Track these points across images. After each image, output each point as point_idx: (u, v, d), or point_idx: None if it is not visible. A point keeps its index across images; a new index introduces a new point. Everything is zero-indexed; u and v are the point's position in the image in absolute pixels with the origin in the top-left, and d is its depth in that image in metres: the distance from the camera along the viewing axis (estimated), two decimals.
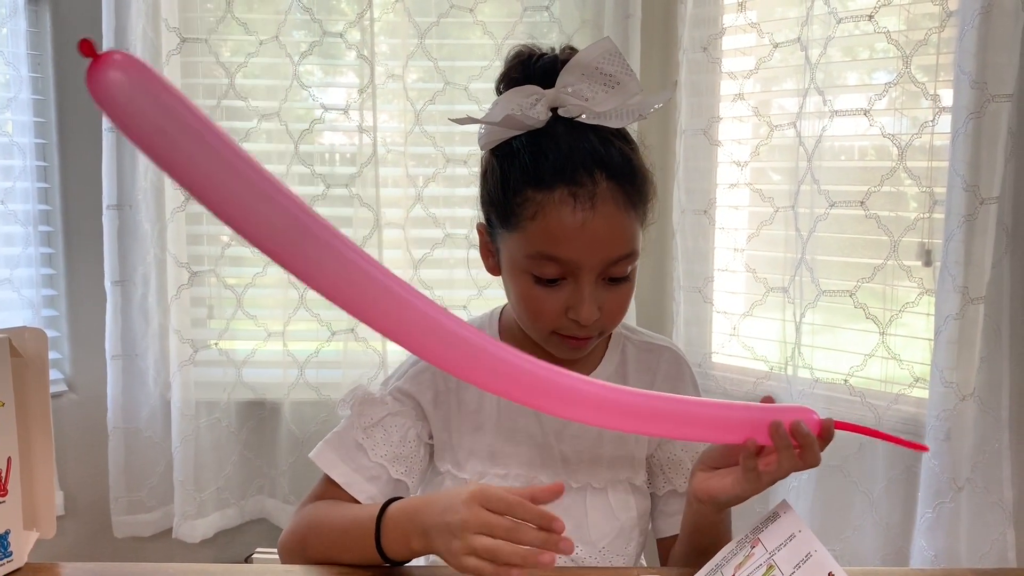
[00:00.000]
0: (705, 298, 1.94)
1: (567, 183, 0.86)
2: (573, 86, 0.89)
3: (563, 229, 0.86)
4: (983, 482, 1.46)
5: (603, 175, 0.87)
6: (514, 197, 0.89)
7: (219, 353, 2.06)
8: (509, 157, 0.90)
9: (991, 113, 1.39)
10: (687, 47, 1.90)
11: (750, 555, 0.80)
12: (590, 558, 0.96)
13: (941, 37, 1.54)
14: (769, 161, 1.87)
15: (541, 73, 0.91)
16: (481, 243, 0.97)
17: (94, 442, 2.04)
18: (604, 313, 0.90)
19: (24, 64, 1.97)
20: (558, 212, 0.86)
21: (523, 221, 0.88)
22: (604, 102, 0.89)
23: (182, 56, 1.97)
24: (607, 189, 0.87)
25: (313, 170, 2.01)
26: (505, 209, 0.90)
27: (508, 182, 0.90)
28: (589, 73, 0.88)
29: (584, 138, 0.88)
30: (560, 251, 0.86)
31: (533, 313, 0.91)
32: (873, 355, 1.66)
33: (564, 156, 0.87)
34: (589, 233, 0.86)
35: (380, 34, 2.02)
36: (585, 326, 0.89)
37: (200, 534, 2.02)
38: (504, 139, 0.91)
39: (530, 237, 0.87)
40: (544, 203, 0.86)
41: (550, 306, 0.89)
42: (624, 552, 0.98)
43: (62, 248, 2.07)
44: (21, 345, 0.91)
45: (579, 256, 0.86)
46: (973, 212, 1.41)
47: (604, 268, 0.88)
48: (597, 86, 0.88)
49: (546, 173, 0.87)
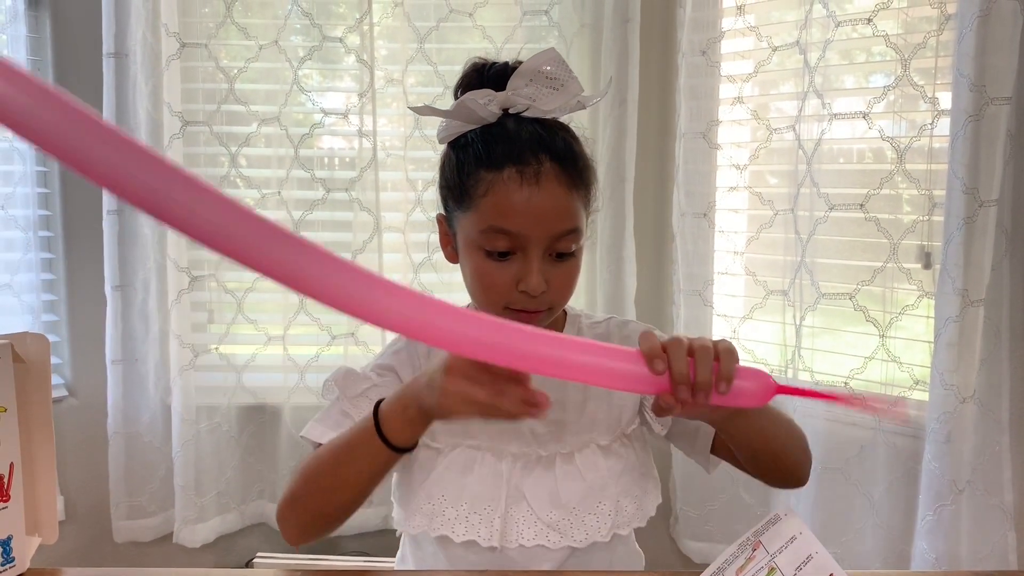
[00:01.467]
0: (705, 301, 1.94)
1: (515, 163, 0.94)
2: (521, 89, 0.98)
3: (511, 203, 0.93)
4: (984, 484, 1.46)
5: (547, 157, 0.95)
6: (468, 179, 0.97)
7: (219, 358, 2.06)
8: (464, 147, 0.99)
9: (990, 116, 1.39)
10: (686, 51, 1.91)
11: (751, 558, 0.80)
12: (563, 520, 1.00)
13: (939, 40, 1.54)
14: (768, 164, 1.88)
15: (494, 78, 1.00)
16: (440, 233, 1.05)
17: (95, 447, 2.04)
18: (552, 288, 0.96)
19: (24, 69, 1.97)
20: (506, 188, 0.94)
21: (476, 199, 0.96)
22: (549, 101, 0.98)
23: (182, 61, 1.98)
24: (550, 168, 0.95)
25: (313, 174, 2.02)
26: (460, 191, 0.98)
27: (463, 167, 0.98)
28: (536, 77, 0.98)
29: (531, 127, 0.97)
30: (509, 223, 0.93)
31: (486, 288, 0.97)
32: (873, 358, 1.66)
33: (512, 140, 0.96)
34: (535, 207, 0.93)
35: (379, 38, 2.03)
36: (534, 297, 0.95)
37: (201, 539, 2.02)
38: (460, 133, 1.00)
39: (482, 213, 0.95)
40: (494, 181, 0.94)
41: (501, 279, 0.95)
42: (596, 511, 1.01)
43: (62, 253, 2.07)
44: (23, 351, 0.91)
45: (526, 228, 0.93)
46: (972, 215, 1.41)
47: (550, 242, 0.94)
48: (543, 88, 0.98)
49: (496, 155, 0.95)
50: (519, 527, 1.00)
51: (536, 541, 0.99)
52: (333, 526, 0.99)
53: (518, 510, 1.00)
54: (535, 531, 0.99)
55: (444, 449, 1.02)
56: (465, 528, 0.99)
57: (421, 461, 1.02)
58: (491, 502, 1.00)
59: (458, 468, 1.01)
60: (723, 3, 1.90)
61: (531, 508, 1.00)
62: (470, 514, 1.00)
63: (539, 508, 1.00)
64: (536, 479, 1.01)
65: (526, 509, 1.00)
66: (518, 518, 1.00)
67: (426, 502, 1.00)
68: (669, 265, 2.03)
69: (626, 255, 1.99)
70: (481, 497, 1.00)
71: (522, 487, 1.01)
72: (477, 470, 1.01)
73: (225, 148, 2.01)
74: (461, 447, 1.02)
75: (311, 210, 2.02)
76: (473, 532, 0.99)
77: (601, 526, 1.00)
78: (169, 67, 1.95)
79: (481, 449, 1.02)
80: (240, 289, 2.05)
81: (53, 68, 2.03)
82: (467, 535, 0.99)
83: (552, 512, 1.00)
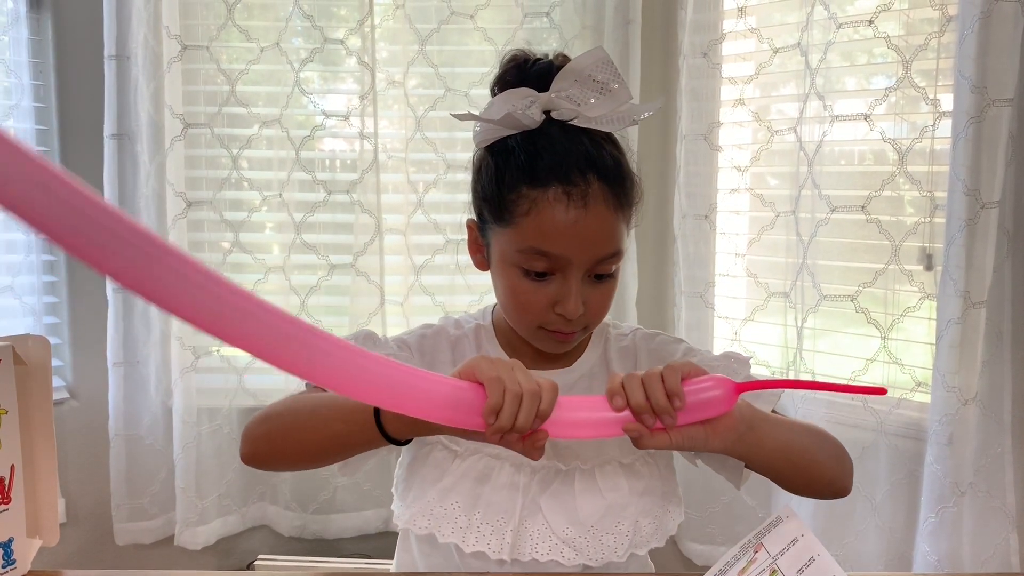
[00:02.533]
0: (706, 303, 1.94)
1: (561, 182, 0.90)
2: (566, 91, 0.93)
3: (556, 225, 0.89)
4: (986, 486, 1.46)
5: (595, 176, 0.91)
6: (509, 193, 0.92)
7: (221, 360, 2.06)
8: (504, 154, 0.94)
9: (991, 117, 1.39)
10: (687, 52, 1.90)
11: (753, 560, 0.80)
12: (580, 538, 0.96)
13: (941, 42, 1.54)
14: (769, 166, 1.88)
15: (536, 77, 0.95)
16: (471, 238, 1.01)
17: (96, 449, 2.04)
18: (588, 309, 0.93)
19: (26, 72, 1.97)
20: (552, 209, 0.89)
21: (517, 217, 0.91)
22: (595, 108, 0.93)
23: (183, 63, 1.98)
24: (598, 190, 0.91)
25: (314, 176, 2.02)
26: (499, 204, 0.93)
27: (503, 178, 0.93)
28: (582, 80, 0.92)
29: (578, 140, 0.92)
30: (552, 246, 0.90)
31: (521, 307, 0.94)
32: (875, 360, 1.66)
33: (559, 156, 0.91)
34: (580, 230, 0.89)
35: (381, 40, 2.03)
36: (571, 320, 0.92)
37: (202, 541, 2.02)
38: (499, 137, 0.95)
39: (523, 232, 0.91)
40: (538, 200, 0.90)
41: (537, 300, 0.92)
42: (615, 531, 0.97)
43: (64, 255, 2.07)
44: (24, 353, 0.91)
45: (569, 252, 0.90)
46: (974, 216, 1.41)
47: (592, 265, 0.92)
48: (589, 92, 0.93)
49: (541, 171, 0.90)
50: (533, 541, 0.96)
51: (550, 556, 0.95)
52: (281, 463, 0.98)
53: (534, 523, 0.97)
54: (549, 546, 0.96)
55: (463, 453, 0.99)
56: (476, 538, 0.96)
57: (436, 459, 0.99)
58: (505, 514, 0.96)
59: (475, 475, 0.97)
60: (724, 5, 1.90)
61: (547, 522, 0.96)
62: (482, 524, 0.96)
63: (555, 523, 0.96)
64: (554, 493, 0.97)
65: (542, 523, 0.96)
66: (533, 531, 0.96)
67: (437, 505, 0.97)
68: (670, 267, 2.03)
69: (627, 257, 1.99)
70: (495, 508, 0.96)
71: (539, 500, 0.97)
72: (494, 479, 0.97)
73: (226, 150, 2.01)
74: (480, 454, 0.98)
75: (312, 212, 2.02)
76: (483, 543, 0.95)
77: (618, 546, 0.96)
78: (170, 69, 1.95)
79: (500, 458, 0.98)
80: None
81: (54, 71, 2.03)
82: (477, 546, 0.95)
83: (568, 528, 0.96)
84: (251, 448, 0.96)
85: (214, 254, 2.05)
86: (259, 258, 2.05)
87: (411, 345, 1.05)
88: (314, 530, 2.07)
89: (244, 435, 0.96)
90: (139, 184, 1.97)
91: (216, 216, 2.03)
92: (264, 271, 2.04)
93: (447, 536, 0.96)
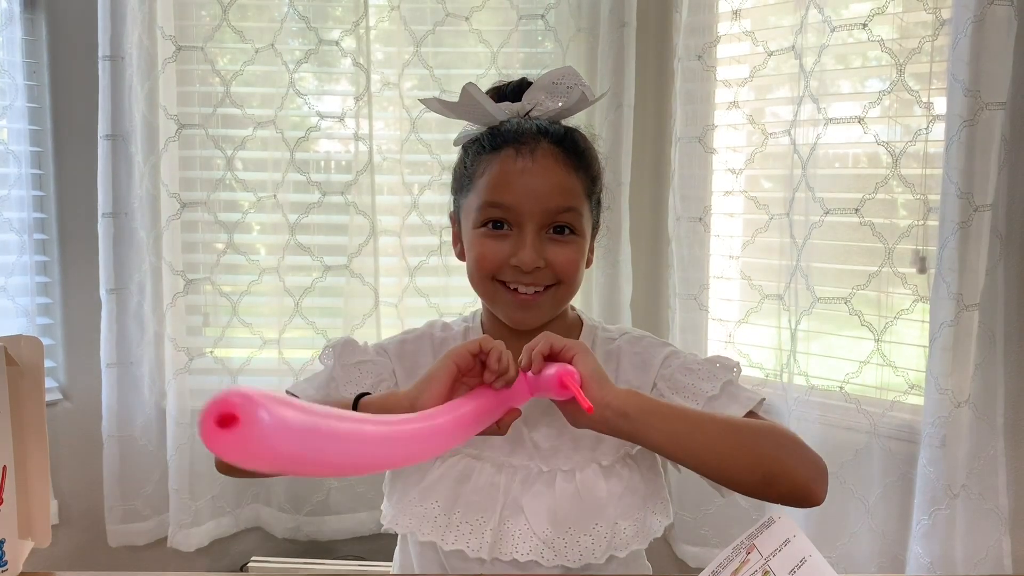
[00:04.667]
0: (700, 305, 1.94)
1: (513, 144, 0.98)
2: (537, 99, 1.02)
3: (506, 176, 0.97)
4: (978, 489, 1.46)
5: (546, 140, 0.99)
6: (471, 166, 1.01)
7: (214, 361, 2.06)
8: (472, 142, 1.04)
9: (984, 121, 1.39)
10: (682, 55, 1.91)
11: (745, 561, 0.80)
12: (558, 539, 0.98)
13: (934, 45, 1.55)
14: (764, 169, 1.88)
15: (511, 92, 1.05)
16: (453, 233, 1.08)
17: (89, 450, 2.04)
18: (553, 265, 0.98)
19: (20, 72, 1.97)
20: (502, 164, 0.98)
21: (475, 180, 1.00)
22: (558, 105, 1.03)
23: (178, 64, 1.97)
24: (548, 148, 0.98)
25: (309, 178, 2.01)
26: (465, 178, 1.02)
27: (468, 157, 1.03)
28: (550, 88, 1.02)
29: (536, 121, 1.02)
30: (503, 196, 0.96)
31: (479, 261, 0.99)
32: (868, 362, 1.66)
33: (514, 127, 1.00)
34: (528, 180, 0.96)
35: (376, 42, 2.03)
36: (527, 272, 0.96)
37: (195, 543, 2.02)
38: (474, 135, 1.04)
39: (479, 190, 0.99)
40: (492, 160, 0.99)
41: (493, 252, 0.97)
42: (592, 532, 0.98)
43: (57, 256, 2.07)
44: (17, 353, 0.91)
45: (519, 201, 0.96)
46: (967, 219, 1.41)
47: (545, 217, 0.96)
48: (558, 98, 1.02)
49: (498, 139, 1.00)
50: (515, 541, 0.98)
51: (530, 556, 0.97)
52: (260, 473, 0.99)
53: (516, 524, 0.98)
54: (530, 546, 0.97)
55: (444, 455, 1.01)
56: (455, 537, 0.98)
57: None
58: (484, 513, 0.98)
59: (455, 476, 1.00)
60: (719, 8, 1.90)
61: (528, 523, 0.98)
62: (461, 523, 0.98)
63: (536, 524, 0.98)
64: (536, 494, 0.99)
65: (524, 523, 0.98)
66: (515, 532, 0.98)
67: (418, 504, 0.99)
68: (665, 269, 2.03)
69: (622, 259, 1.99)
70: (474, 507, 0.98)
71: (521, 501, 0.99)
72: (474, 480, 1.00)
73: (221, 151, 2.01)
74: (461, 455, 1.01)
75: (307, 213, 2.02)
76: (462, 542, 0.97)
77: (596, 548, 0.98)
78: (165, 70, 1.95)
79: (481, 459, 1.01)
80: (235, 292, 2.04)
81: (49, 71, 2.02)
82: (456, 544, 0.98)
83: (548, 529, 0.98)
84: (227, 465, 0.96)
85: (208, 255, 2.05)
86: (253, 259, 2.04)
87: (389, 351, 1.08)
88: (308, 532, 2.07)
89: None
90: (133, 185, 1.97)
91: (210, 217, 2.03)
92: (258, 272, 2.03)
93: (426, 534, 0.98)
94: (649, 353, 1.06)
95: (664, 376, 1.04)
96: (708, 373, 1.02)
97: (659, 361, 1.05)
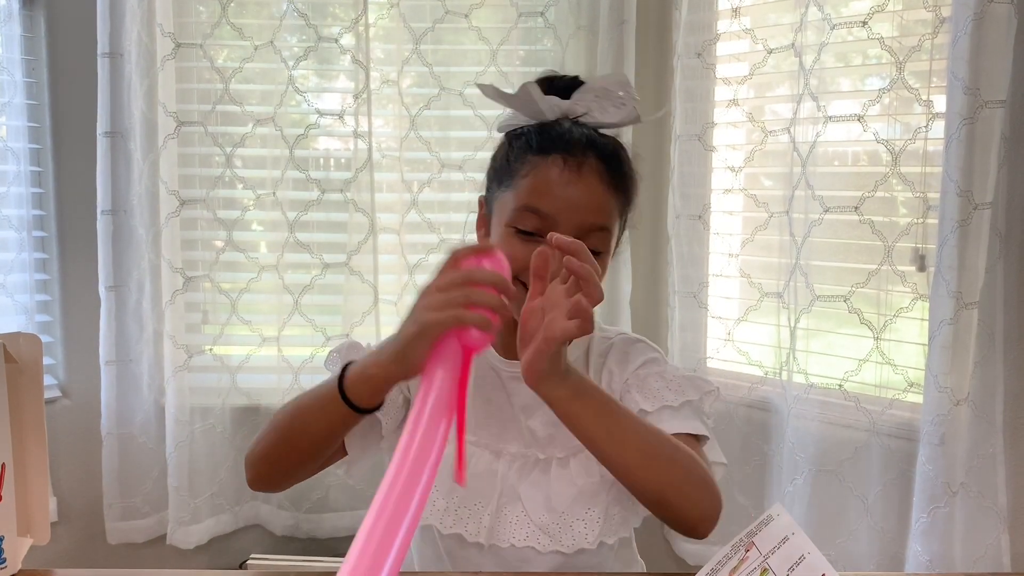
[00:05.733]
0: (700, 303, 1.94)
1: (561, 152, 0.98)
2: (586, 102, 1.02)
3: (549, 184, 0.97)
4: (977, 487, 1.46)
5: (594, 154, 0.99)
6: (515, 162, 1.01)
7: (213, 358, 2.06)
8: (518, 136, 1.03)
9: (984, 119, 1.39)
10: (681, 53, 1.91)
11: (744, 559, 0.80)
12: (553, 524, 1.00)
13: (934, 43, 1.55)
14: (763, 167, 1.88)
15: (561, 89, 1.04)
16: (479, 216, 1.08)
17: (88, 448, 2.03)
18: None
19: (18, 69, 1.97)
20: (548, 170, 0.97)
21: (517, 179, 0.99)
22: (609, 116, 1.03)
23: (177, 61, 1.97)
24: (595, 164, 0.98)
25: (308, 175, 2.01)
26: (506, 172, 1.01)
27: (513, 151, 1.02)
28: (601, 94, 1.03)
29: (586, 130, 1.01)
30: (542, 203, 0.96)
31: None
32: (867, 360, 1.67)
33: (565, 133, 1.00)
34: (571, 193, 0.96)
35: (375, 39, 2.03)
36: None
37: (194, 540, 2.02)
38: (520, 125, 1.04)
39: (520, 191, 0.98)
40: (539, 164, 0.98)
41: (523, 253, 0.90)
42: (585, 517, 1.00)
43: (56, 253, 2.07)
44: (15, 351, 0.91)
45: (557, 211, 0.96)
46: (967, 217, 1.41)
47: (577, 233, 0.93)
48: (608, 104, 1.02)
49: (546, 142, 0.99)
50: (512, 527, 1.00)
51: (527, 543, 1.00)
52: (285, 475, 1.00)
53: (513, 510, 1.01)
54: (527, 532, 1.00)
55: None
56: (453, 520, 1.00)
57: None
58: (482, 499, 1.01)
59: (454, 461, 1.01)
60: (719, 6, 1.90)
61: (525, 510, 1.00)
62: (460, 508, 1.01)
63: (533, 510, 1.00)
64: (533, 481, 1.01)
65: (521, 510, 1.01)
66: (512, 518, 1.00)
67: None
68: (664, 267, 2.03)
69: (621, 257, 1.99)
70: (473, 493, 1.01)
71: (518, 488, 1.01)
72: (473, 466, 1.02)
73: (220, 148, 2.01)
74: None
75: (306, 211, 2.01)
76: (461, 526, 1.00)
77: (589, 533, 1.00)
78: (164, 67, 1.95)
79: (479, 446, 1.03)
80: (234, 290, 2.04)
81: (48, 68, 2.02)
82: (454, 528, 1.00)
83: (544, 515, 1.00)
84: (254, 472, 1.00)
85: (207, 252, 2.04)
86: (252, 257, 2.04)
87: None
88: (307, 529, 2.07)
89: (245, 463, 1.01)
90: (132, 182, 1.96)
91: (209, 214, 2.03)
92: (257, 270, 2.03)
93: (425, 518, 1.00)
94: (635, 352, 1.08)
95: (638, 375, 1.05)
96: (678, 387, 1.03)
97: (639, 362, 1.06)
